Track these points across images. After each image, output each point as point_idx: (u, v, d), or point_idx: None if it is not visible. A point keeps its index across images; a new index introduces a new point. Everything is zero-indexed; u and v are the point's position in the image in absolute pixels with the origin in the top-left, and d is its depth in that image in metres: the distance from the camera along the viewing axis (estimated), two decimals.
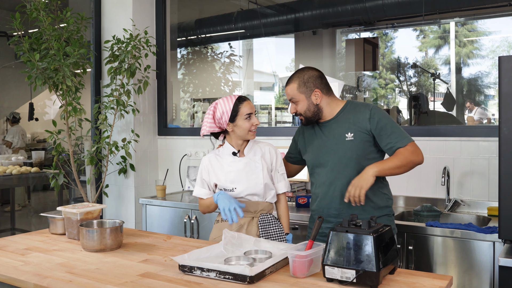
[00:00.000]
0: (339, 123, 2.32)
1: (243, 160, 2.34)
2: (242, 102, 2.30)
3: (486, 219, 2.76)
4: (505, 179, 2.03)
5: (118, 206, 4.17)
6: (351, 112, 2.32)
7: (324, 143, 2.34)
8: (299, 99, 2.31)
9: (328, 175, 2.31)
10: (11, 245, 2.33)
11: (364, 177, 2.14)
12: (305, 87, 2.31)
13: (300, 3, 5.85)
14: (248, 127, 2.30)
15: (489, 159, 2.90)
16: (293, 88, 2.32)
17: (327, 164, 2.32)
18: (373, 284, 1.63)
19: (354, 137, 2.26)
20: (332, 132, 2.33)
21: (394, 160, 2.18)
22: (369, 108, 2.29)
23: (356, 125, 2.27)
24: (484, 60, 5.94)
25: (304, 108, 2.32)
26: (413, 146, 2.21)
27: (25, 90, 8.19)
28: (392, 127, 2.25)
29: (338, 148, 2.29)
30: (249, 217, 2.33)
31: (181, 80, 6.74)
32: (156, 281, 1.76)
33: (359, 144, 2.25)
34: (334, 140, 2.31)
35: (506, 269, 1.96)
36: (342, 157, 2.27)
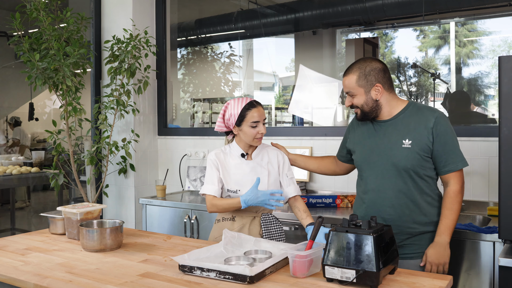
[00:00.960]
0: (397, 125, 2.13)
1: (250, 163, 2.33)
2: (251, 108, 2.28)
3: (486, 219, 2.76)
4: (505, 179, 2.03)
5: (118, 206, 4.17)
6: (413, 115, 2.12)
7: (377, 145, 2.15)
8: (357, 93, 2.11)
9: (378, 181, 2.14)
10: (11, 245, 2.33)
11: (441, 251, 2.06)
12: (366, 80, 2.10)
13: (300, 3, 5.85)
14: (253, 135, 2.27)
15: (489, 159, 2.90)
16: (352, 80, 2.11)
17: (377, 169, 2.15)
18: (373, 284, 1.63)
19: (412, 145, 2.07)
20: (388, 134, 2.13)
21: (453, 215, 2.07)
22: (435, 116, 2.08)
23: (416, 131, 2.08)
24: (484, 60, 5.94)
25: (361, 102, 2.12)
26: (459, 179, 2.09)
27: (25, 90, 8.20)
28: (453, 144, 2.08)
29: (392, 154, 2.10)
30: (251, 216, 2.34)
31: (181, 80, 6.74)
32: (156, 281, 1.76)
33: (415, 154, 2.06)
34: (389, 144, 2.12)
35: (506, 269, 1.96)
36: (396, 164, 2.09)
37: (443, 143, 2.06)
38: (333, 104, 4.40)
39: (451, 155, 2.06)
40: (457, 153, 2.08)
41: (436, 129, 2.06)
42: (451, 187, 2.09)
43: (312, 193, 3.37)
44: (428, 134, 2.06)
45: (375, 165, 2.15)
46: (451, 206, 2.08)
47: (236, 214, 2.34)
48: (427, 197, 2.13)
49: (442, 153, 2.06)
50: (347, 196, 3.11)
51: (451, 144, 2.07)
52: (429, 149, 2.07)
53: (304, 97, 5.25)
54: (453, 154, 2.07)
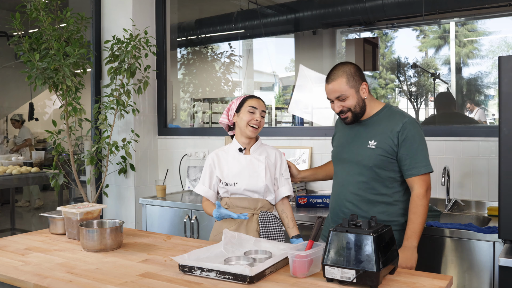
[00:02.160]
0: (367, 127, 2.23)
1: (248, 157, 2.40)
2: (252, 97, 2.41)
3: (486, 219, 2.76)
4: (505, 179, 2.03)
5: (118, 206, 4.17)
6: (385, 118, 2.21)
7: (348, 143, 2.28)
8: (349, 95, 2.16)
9: (344, 177, 2.27)
10: (11, 245, 2.33)
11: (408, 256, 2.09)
12: (354, 80, 2.17)
13: (300, 3, 5.85)
14: (248, 120, 2.35)
15: (489, 159, 2.90)
16: (342, 82, 2.16)
17: (345, 165, 2.27)
18: (373, 284, 1.63)
19: (376, 146, 2.17)
20: (359, 134, 2.25)
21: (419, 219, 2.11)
22: (403, 121, 2.16)
23: (383, 134, 2.17)
24: (484, 60, 5.94)
25: (354, 103, 2.17)
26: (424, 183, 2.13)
27: (25, 90, 8.20)
28: (418, 150, 2.14)
29: (358, 152, 2.22)
30: (249, 213, 2.36)
31: (181, 80, 6.74)
32: (156, 281, 1.76)
33: (378, 155, 2.16)
34: (357, 144, 2.24)
35: (506, 269, 1.96)
36: (359, 163, 2.20)
37: (408, 147, 2.13)
38: None
39: (415, 159, 2.13)
40: (421, 159, 2.13)
41: (402, 134, 2.13)
42: (415, 191, 2.14)
43: (312, 193, 3.37)
44: (393, 138, 2.14)
45: (344, 162, 2.28)
46: (415, 210, 2.13)
47: (235, 211, 2.36)
48: (386, 197, 2.20)
49: (407, 157, 2.13)
50: None
51: (416, 149, 2.13)
52: (393, 152, 2.14)
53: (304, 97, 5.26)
54: (417, 159, 2.13)
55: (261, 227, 2.34)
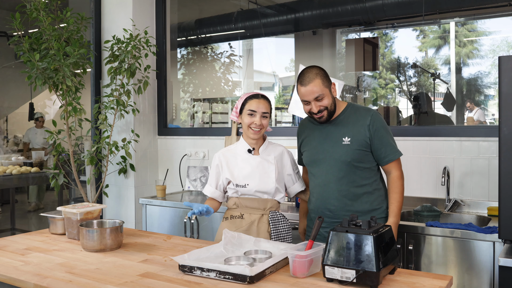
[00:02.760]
0: (337, 125, 2.33)
1: (257, 158, 2.40)
2: (252, 98, 2.38)
3: (486, 219, 2.76)
4: (505, 179, 2.03)
5: (118, 206, 4.17)
6: (351, 115, 2.33)
7: (321, 144, 2.35)
8: (325, 94, 2.27)
9: (323, 176, 2.34)
10: (11, 245, 2.33)
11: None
12: (327, 81, 2.29)
13: (300, 3, 5.85)
14: (248, 123, 2.34)
15: (489, 159, 2.90)
16: (319, 83, 2.25)
17: (322, 166, 2.34)
18: (373, 284, 1.63)
19: (351, 142, 2.28)
20: (330, 134, 2.34)
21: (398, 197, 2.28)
22: (370, 114, 2.30)
23: (354, 129, 2.29)
24: (484, 60, 5.95)
25: (330, 102, 2.28)
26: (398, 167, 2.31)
27: (25, 90, 8.19)
28: (388, 138, 2.30)
29: (334, 150, 2.31)
30: (259, 214, 2.37)
31: (181, 80, 6.74)
32: (156, 281, 1.76)
33: (355, 150, 2.27)
34: (331, 143, 2.32)
35: (506, 269, 1.96)
36: (337, 160, 2.29)
37: (380, 137, 2.28)
38: None
39: (388, 147, 2.29)
40: (393, 145, 2.31)
41: (373, 126, 2.27)
42: (393, 174, 2.31)
43: None
44: (365, 131, 2.27)
45: (321, 162, 2.35)
46: (396, 190, 2.29)
47: (244, 212, 2.37)
48: (367, 187, 2.32)
49: (380, 146, 2.28)
50: None
51: (386, 137, 2.29)
52: (367, 144, 2.28)
53: None
54: (390, 146, 2.29)
55: (271, 228, 2.35)
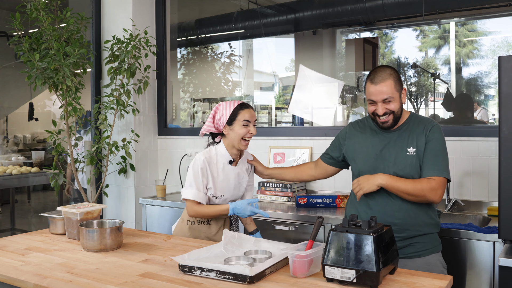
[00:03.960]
0: (402, 135, 2.20)
1: (236, 170, 2.43)
2: (243, 108, 2.34)
3: (486, 219, 2.76)
4: (505, 179, 2.03)
5: (118, 206, 4.17)
6: (415, 124, 2.21)
7: (381, 154, 2.21)
8: (395, 98, 2.15)
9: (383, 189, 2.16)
10: (11, 245, 2.33)
11: (370, 180, 2.11)
12: (399, 84, 2.17)
13: (300, 3, 5.85)
14: (243, 134, 2.32)
15: (489, 159, 2.90)
16: (391, 85, 2.14)
17: None
18: (373, 284, 1.63)
19: (416, 153, 2.15)
20: (393, 143, 2.20)
21: (409, 185, 2.09)
22: (432, 124, 2.19)
23: (418, 139, 2.16)
24: (484, 60, 5.94)
25: (397, 107, 2.16)
26: (438, 184, 2.09)
27: (25, 90, 8.18)
28: (438, 154, 2.14)
29: (397, 161, 2.16)
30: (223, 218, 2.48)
31: (181, 80, 6.74)
32: (156, 281, 1.76)
33: (418, 161, 2.14)
34: (394, 153, 2.18)
35: (506, 269, 1.96)
36: (400, 171, 2.15)
37: (432, 148, 2.13)
38: (333, 104, 4.40)
39: (436, 161, 2.12)
40: (441, 162, 2.13)
41: (429, 135, 2.15)
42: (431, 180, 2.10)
43: (312, 193, 3.37)
44: (425, 140, 2.16)
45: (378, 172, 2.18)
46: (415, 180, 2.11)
47: (211, 218, 2.44)
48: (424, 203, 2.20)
49: (430, 156, 2.13)
50: (347, 196, 3.11)
51: (439, 151, 2.14)
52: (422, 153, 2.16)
53: (304, 97, 5.25)
54: (437, 161, 2.12)
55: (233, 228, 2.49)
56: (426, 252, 2.19)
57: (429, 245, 2.20)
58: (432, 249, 2.21)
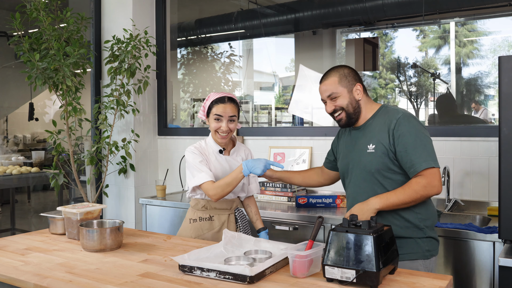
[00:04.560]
0: (365, 131, 2.16)
1: (228, 159, 2.44)
2: (218, 103, 2.34)
3: (486, 219, 2.76)
4: (505, 179, 2.03)
5: (118, 206, 4.17)
6: (380, 119, 2.13)
7: (350, 153, 2.20)
8: (340, 94, 2.13)
9: (352, 188, 2.19)
10: (11, 245, 2.33)
11: (365, 209, 2.00)
12: (347, 80, 2.14)
13: (300, 3, 5.85)
14: (215, 128, 2.35)
15: (489, 159, 2.90)
16: (333, 81, 2.13)
17: (352, 176, 2.19)
18: (373, 284, 1.63)
19: (375, 149, 2.07)
20: (358, 141, 2.17)
21: (401, 195, 1.98)
22: (397, 117, 2.05)
23: (379, 135, 2.08)
24: (484, 60, 5.94)
25: (345, 102, 2.13)
26: (428, 177, 1.96)
27: (25, 90, 8.18)
28: (415, 145, 2.00)
29: (360, 160, 2.13)
30: (227, 214, 2.45)
31: (181, 80, 6.74)
32: (156, 281, 1.76)
33: (379, 158, 2.06)
34: (357, 151, 2.16)
35: (506, 269, 1.96)
36: (362, 170, 2.11)
37: (404, 144, 2.01)
38: None
39: (414, 155, 1.98)
40: (420, 153, 1.98)
41: (397, 131, 2.02)
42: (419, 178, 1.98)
43: (312, 193, 3.37)
44: (389, 137, 2.05)
45: (350, 172, 2.19)
46: (405, 187, 1.99)
47: (213, 213, 2.42)
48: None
49: (405, 154, 2.00)
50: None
51: (412, 144, 1.99)
52: (390, 151, 2.04)
53: (304, 97, 5.25)
54: (416, 154, 1.98)
55: (240, 224, 2.45)
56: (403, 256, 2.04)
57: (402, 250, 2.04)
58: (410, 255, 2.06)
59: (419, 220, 2.07)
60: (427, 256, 2.09)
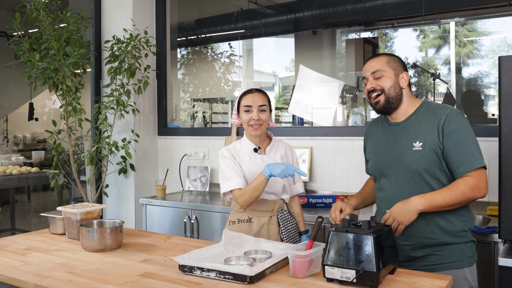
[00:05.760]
0: (409, 128, 2.01)
1: (264, 158, 2.31)
2: (246, 94, 2.31)
3: (486, 219, 2.76)
4: (505, 179, 2.03)
5: (118, 206, 4.17)
6: (425, 115, 1.99)
7: (389, 151, 2.04)
8: (386, 73, 2.00)
9: (391, 189, 2.02)
10: (11, 245, 2.33)
11: (407, 210, 1.87)
12: (396, 64, 2.02)
13: (300, 3, 5.85)
14: (246, 120, 2.27)
15: (489, 159, 2.89)
16: (382, 60, 2.02)
17: (390, 176, 2.03)
18: (373, 284, 1.63)
19: (423, 147, 1.93)
20: (400, 138, 2.01)
21: (447, 196, 1.86)
22: (446, 113, 1.92)
23: (427, 132, 1.94)
24: (484, 60, 5.94)
25: (389, 84, 1.99)
26: (476, 178, 1.86)
27: (25, 90, 8.18)
28: (466, 143, 1.89)
29: (403, 158, 1.97)
30: (268, 216, 2.30)
31: (181, 80, 6.74)
32: (156, 281, 1.76)
33: (427, 156, 1.91)
34: (400, 148, 1.99)
35: (506, 269, 1.95)
36: (407, 169, 1.96)
37: (454, 141, 1.89)
38: (333, 104, 4.40)
39: (464, 154, 1.87)
40: (471, 152, 1.88)
41: (447, 127, 1.90)
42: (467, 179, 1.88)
43: (312, 193, 3.37)
44: (438, 133, 1.91)
45: (389, 172, 2.04)
46: (450, 187, 1.89)
47: (253, 215, 2.29)
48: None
49: (454, 152, 1.89)
50: (347, 196, 3.11)
51: (463, 142, 1.88)
52: (440, 149, 1.91)
53: (304, 97, 5.25)
54: (467, 152, 1.87)
55: (282, 229, 2.30)
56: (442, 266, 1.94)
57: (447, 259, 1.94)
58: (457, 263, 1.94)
59: (464, 223, 1.97)
60: (471, 263, 1.98)
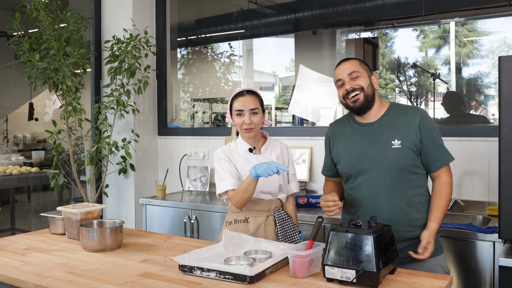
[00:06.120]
0: (383, 127, 2.11)
1: (260, 157, 2.30)
2: (237, 97, 2.28)
3: (486, 219, 2.76)
4: (505, 179, 2.03)
5: (118, 206, 4.17)
6: (397, 115, 2.12)
7: (366, 150, 2.11)
8: (361, 74, 2.11)
9: (371, 186, 2.09)
10: (11, 245, 2.33)
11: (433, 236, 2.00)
12: (366, 66, 2.15)
13: (300, 3, 5.85)
14: (239, 124, 2.26)
15: (489, 159, 2.90)
16: (355, 62, 2.13)
17: (369, 174, 2.09)
18: (373, 284, 1.63)
19: (402, 145, 2.05)
20: (376, 137, 2.10)
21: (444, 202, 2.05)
22: (419, 113, 2.09)
23: (404, 130, 2.07)
24: (484, 60, 5.94)
25: (367, 83, 2.11)
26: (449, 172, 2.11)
27: (25, 90, 8.18)
28: (439, 140, 2.10)
29: (383, 156, 2.06)
30: (264, 215, 2.29)
31: (181, 80, 6.74)
32: (156, 281, 1.76)
33: (406, 153, 2.05)
34: (378, 147, 2.08)
35: (506, 269, 1.96)
36: (388, 166, 2.05)
37: (432, 138, 2.08)
38: (333, 104, 4.40)
39: (440, 150, 2.09)
40: (444, 148, 2.11)
41: (423, 126, 2.07)
42: (443, 179, 2.10)
43: (312, 193, 3.37)
44: (415, 132, 2.07)
45: (366, 171, 2.10)
46: (444, 196, 2.07)
47: (249, 215, 2.29)
48: (421, 197, 2.11)
49: (432, 148, 2.08)
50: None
51: (438, 139, 2.10)
52: (418, 147, 2.07)
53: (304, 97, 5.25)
54: (441, 148, 2.10)
55: (278, 227, 2.29)
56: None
57: None
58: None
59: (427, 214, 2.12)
60: (442, 251, 2.15)
